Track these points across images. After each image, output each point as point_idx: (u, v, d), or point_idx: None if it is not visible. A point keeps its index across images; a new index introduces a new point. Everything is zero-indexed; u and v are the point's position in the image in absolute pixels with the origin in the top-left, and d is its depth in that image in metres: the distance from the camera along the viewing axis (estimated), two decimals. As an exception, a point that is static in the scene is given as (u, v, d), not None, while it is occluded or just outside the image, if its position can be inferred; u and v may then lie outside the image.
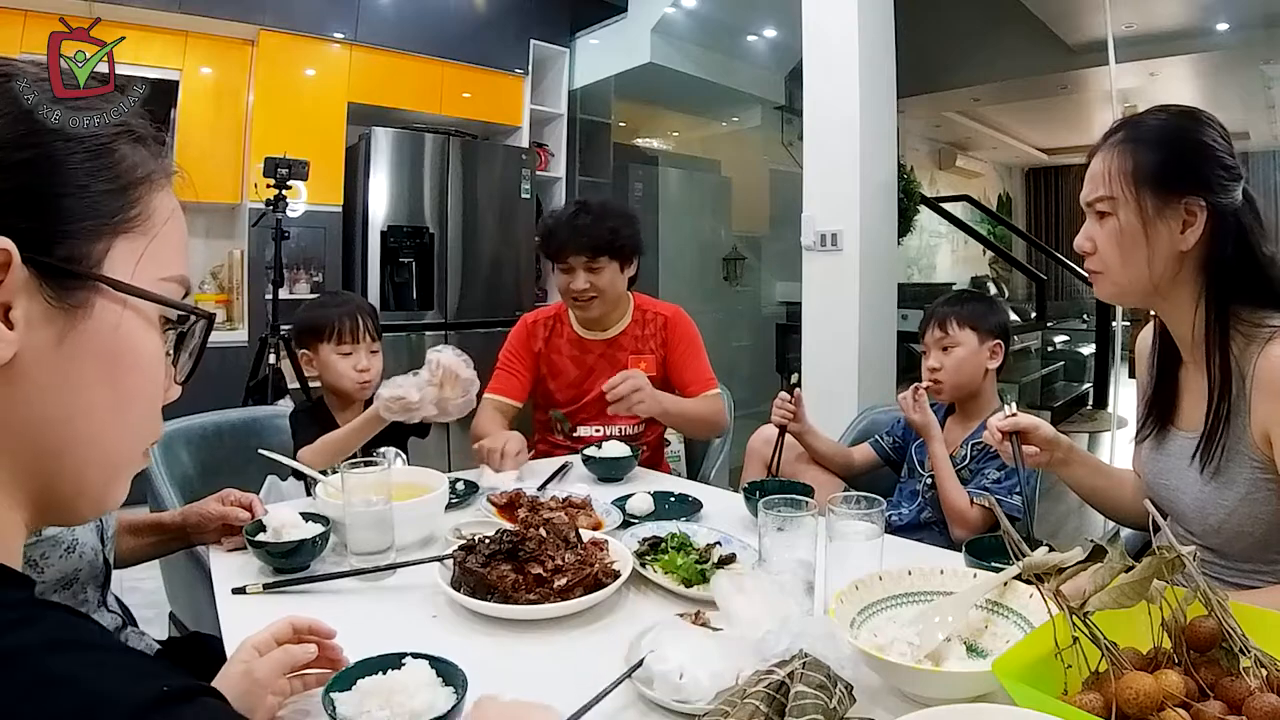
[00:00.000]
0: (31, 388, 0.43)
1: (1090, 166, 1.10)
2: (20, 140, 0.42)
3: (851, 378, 3.06)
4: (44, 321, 0.43)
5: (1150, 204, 1.03)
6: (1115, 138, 1.07)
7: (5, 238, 0.41)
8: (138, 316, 0.48)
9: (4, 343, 0.41)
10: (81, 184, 0.44)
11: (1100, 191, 1.07)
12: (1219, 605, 0.67)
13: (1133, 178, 1.03)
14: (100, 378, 0.46)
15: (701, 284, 5.51)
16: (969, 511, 1.54)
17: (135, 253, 0.47)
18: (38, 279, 0.42)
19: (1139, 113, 1.10)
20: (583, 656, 0.92)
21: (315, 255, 3.96)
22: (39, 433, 0.44)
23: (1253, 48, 5.18)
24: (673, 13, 4.56)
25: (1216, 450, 1.03)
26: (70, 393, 0.45)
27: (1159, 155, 1.03)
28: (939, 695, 0.76)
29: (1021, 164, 9.94)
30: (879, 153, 3.13)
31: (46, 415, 0.44)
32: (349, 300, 1.82)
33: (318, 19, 3.93)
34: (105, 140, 0.45)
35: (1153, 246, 1.03)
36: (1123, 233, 1.05)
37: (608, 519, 1.36)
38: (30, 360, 0.43)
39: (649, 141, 6.11)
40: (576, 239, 1.89)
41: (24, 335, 0.42)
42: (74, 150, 0.44)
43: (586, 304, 1.94)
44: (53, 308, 0.43)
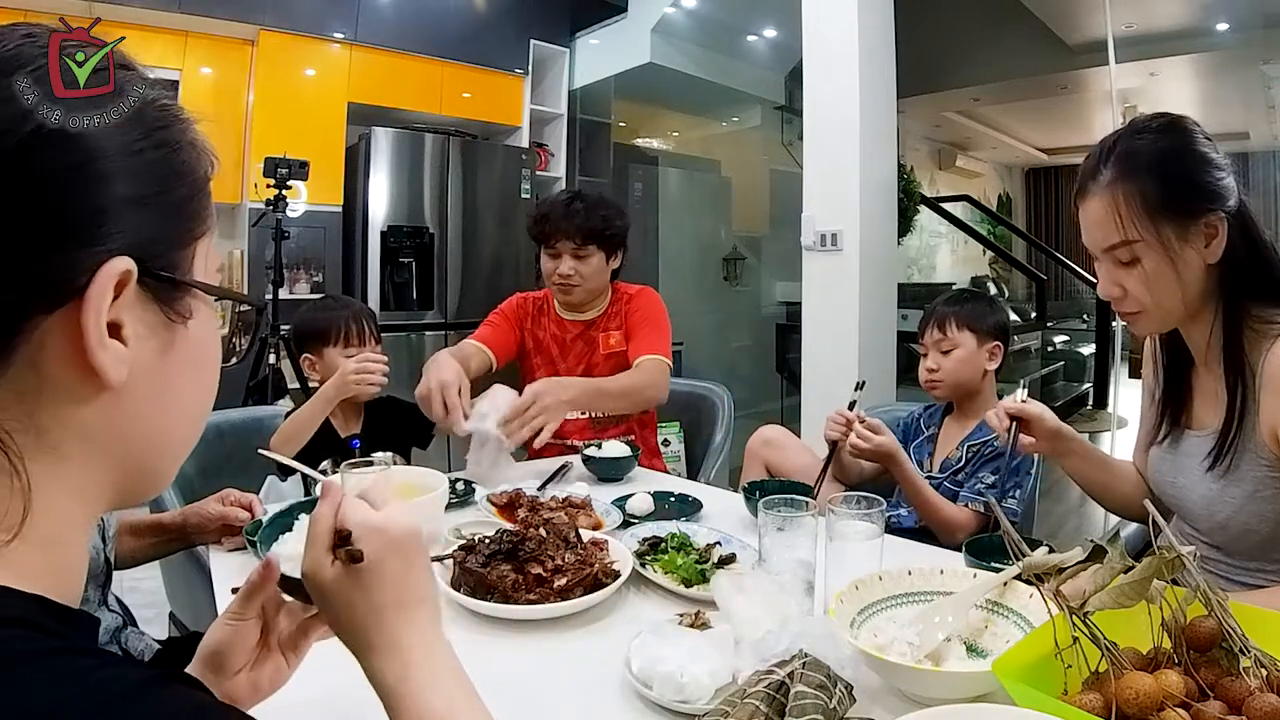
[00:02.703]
0: (135, 400, 0.43)
1: (1088, 211, 1.04)
2: (128, 148, 0.41)
3: (851, 378, 3.03)
4: (150, 334, 0.43)
5: (1174, 235, 0.99)
6: (1107, 175, 1.01)
7: (126, 257, 0.40)
8: (211, 313, 0.48)
9: (120, 362, 0.41)
10: (172, 190, 0.44)
11: (1115, 238, 1.01)
12: (1219, 605, 0.67)
13: (1146, 215, 0.98)
14: (192, 379, 0.47)
15: (701, 284, 5.51)
16: (958, 517, 1.51)
17: (205, 251, 0.47)
18: (148, 293, 0.42)
19: (1120, 138, 1.04)
20: (583, 656, 0.92)
21: (315, 255, 3.96)
22: (133, 442, 0.44)
23: (1253, 48, 5.17)
24: (673, 13, 4.56)
25: (1230, 450, 1.02)
26: (169, 399, 0.46)
27: (1165, 182, 0.98)
28: (939, 695, 0.76)
29: (1021, 164, 9.94)
30: (879, 153, 3.13)
31: (143, 425, 0.44)
32: (350, 304, 1.83)
33: (318, 19, 3.93)
34: (179, 143, 0.45)
35: (1184, 275, 1.00)
36: (1154, 275, 1.01)
37: (608, 519, 1.36)
38: (137, 374, 0.42)
39: (649, 141, 6.11)
40: (568, 224, 1.94)
41: (135, 351, 0.42)
42: (163, 157, 0.43)
43: (570, 289, 2.00)
44: (160, 320, 0.44)
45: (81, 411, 0.41)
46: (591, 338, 2.07)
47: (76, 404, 0.41)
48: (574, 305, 2.06)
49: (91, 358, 0.39)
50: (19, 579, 0.38)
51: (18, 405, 0.39)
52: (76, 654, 0.36)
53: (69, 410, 0.41)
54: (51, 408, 0.40)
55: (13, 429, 0.39)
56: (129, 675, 0.36)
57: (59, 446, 0.41)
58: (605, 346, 2.05)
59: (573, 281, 1.98)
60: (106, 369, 0.40)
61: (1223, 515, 1.04)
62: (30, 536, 0.39)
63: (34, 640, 0.35)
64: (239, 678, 0.63)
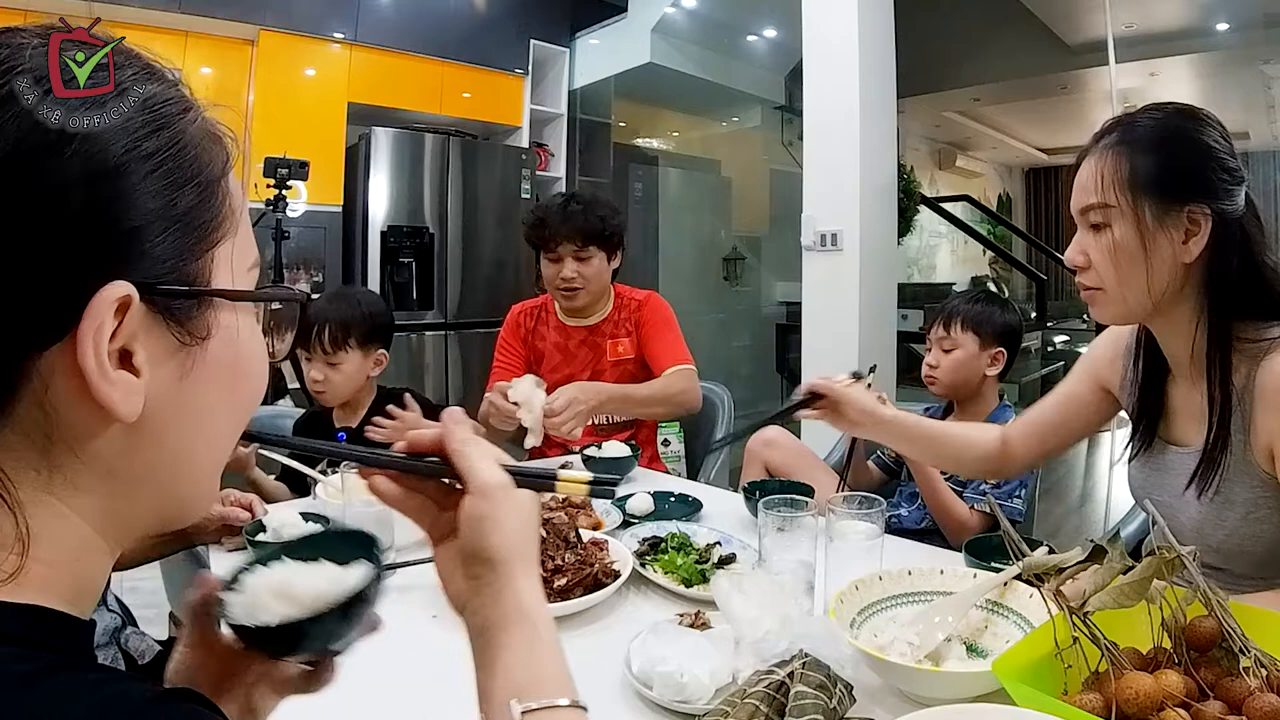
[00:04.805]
0: (156, 430, 0.39)
1: (1080, 171, 1.01)
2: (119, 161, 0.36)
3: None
4: (166, 357, 0.39)
5: (1150, 213, 0.94)
6: (1108, 139, 0.98)
7: (121, 281, 0.36)
8: (246, 318, 0.44)
9: (133, 394, 0.37)
10: (176, 199, 0.39)
11: (1093, 199, 0.98)
12: (1219, 605, 0.67)
13: (1129, 184, 0.95)
14: (221, 396, 0.43)
15: (701, 284, 5.50)
16: (969, 520, 1.52)
17: (229, 255, 0.42)
18: (157, 315, 0.38)
19: (1133, 112, 1.01)
20: (582, 656, 0.91)
21: (315, 255, 3.96)
22: (160, 470, 0.41)
23: (1253, 48, 5.17)
24: (673, 13, 4.56)
25: (1217, 471, 0.97)
26: (195, 424, 0.42)
27: (1158, 158, 0.95)
28: (939, 695, 0.76)
29: (1021, 164, 9.93)
30: (879, 153, 3.13)
31: (168, 453, 0.41)
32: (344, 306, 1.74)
33: (318, 19, 3.93)
34: (179, 145, 0.39)
35: (1153, 260, 0.95)
36: (1120, 246, 0.96)
37: (608, 519, 1.36)
38: (155, 402, 0.38)
39: (649, 141, 6.10)
40: (567, 227, 1.92)
41: (150, 378, 0.38)
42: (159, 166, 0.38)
43: (573, 293, 1.97)
44: (176, 342, 0.39)
45: (96, 446, 0.38)
46: (596, 344, 2.04)
47: (90, 439, 0.38)
48: (577, 310, 2.03)
49: (95, 394, 0.36)
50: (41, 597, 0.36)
51: (27, 447, 0.37)
52: (80, 670, 0.35)
53: (83, 446, 0.38)
54: (64, 445, 0.37)
55: (12, 469, 0.36)
56: (135, 692, 0.35)
57: (75, 481, 0.38)
58: (612, 354, 2.03)
59: (576, 284, 1.95)
60: (115, 404, 0.36)
61: (1216, 539, 0.99)
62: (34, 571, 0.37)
63: (35, 659, 0.34)
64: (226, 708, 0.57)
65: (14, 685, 0.32)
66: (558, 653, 0.52)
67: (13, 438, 0.36)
